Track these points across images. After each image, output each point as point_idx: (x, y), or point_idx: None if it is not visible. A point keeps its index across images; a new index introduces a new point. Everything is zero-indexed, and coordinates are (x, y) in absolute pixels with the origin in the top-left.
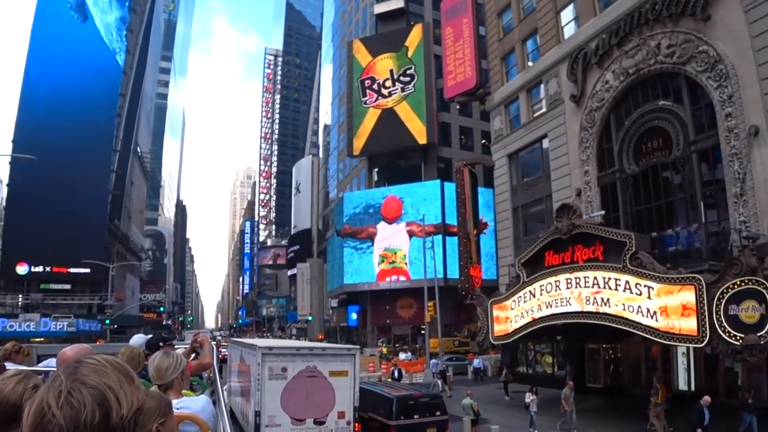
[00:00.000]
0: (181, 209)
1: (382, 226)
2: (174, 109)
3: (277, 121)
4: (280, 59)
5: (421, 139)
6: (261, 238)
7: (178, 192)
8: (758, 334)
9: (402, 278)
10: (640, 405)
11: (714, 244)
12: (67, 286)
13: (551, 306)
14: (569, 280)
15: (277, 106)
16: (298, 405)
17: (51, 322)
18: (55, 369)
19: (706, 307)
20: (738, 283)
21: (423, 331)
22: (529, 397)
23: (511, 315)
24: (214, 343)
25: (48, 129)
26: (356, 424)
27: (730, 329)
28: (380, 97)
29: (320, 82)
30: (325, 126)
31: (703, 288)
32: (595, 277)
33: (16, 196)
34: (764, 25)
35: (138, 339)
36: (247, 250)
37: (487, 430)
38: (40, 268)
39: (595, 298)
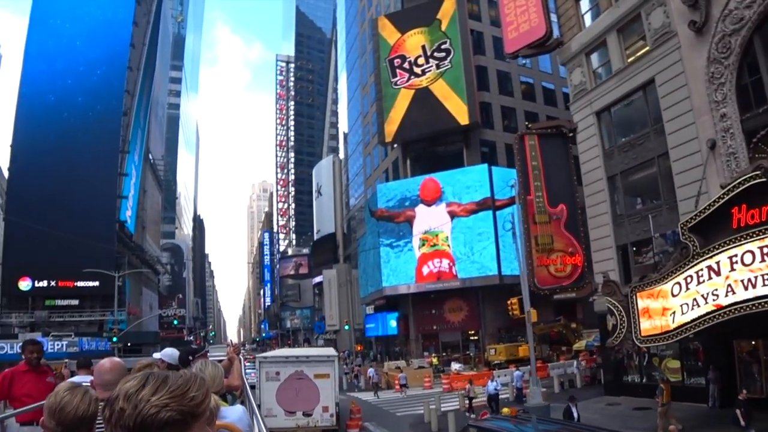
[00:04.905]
0: (198, 224)
1: (420, 209)
2: (187, 123)
3: (292, 128)
4: (292, 65)
5: (463, 119)
6: (281, 248)
7: (195, 206)
8: None
9: (445, 264)
10: None
11: None
12: (75, 302)
13: (755, 285)
14: None
15: (292, 112)
16: (290, 400)
17: (48, 341)
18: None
19: None
20: None
21: (474, 338)
22: None
23: (674, 304)
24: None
25: (49, 126)
26: (337, 415)
27: None
28: (413, 77)
29: (337, 86)
30: (345, 134)
31: None
32: None
33: (16, 204)
34: None
35: (168, 351)
36: (266, 262)
37: None
38: (44, 283)
39: None
